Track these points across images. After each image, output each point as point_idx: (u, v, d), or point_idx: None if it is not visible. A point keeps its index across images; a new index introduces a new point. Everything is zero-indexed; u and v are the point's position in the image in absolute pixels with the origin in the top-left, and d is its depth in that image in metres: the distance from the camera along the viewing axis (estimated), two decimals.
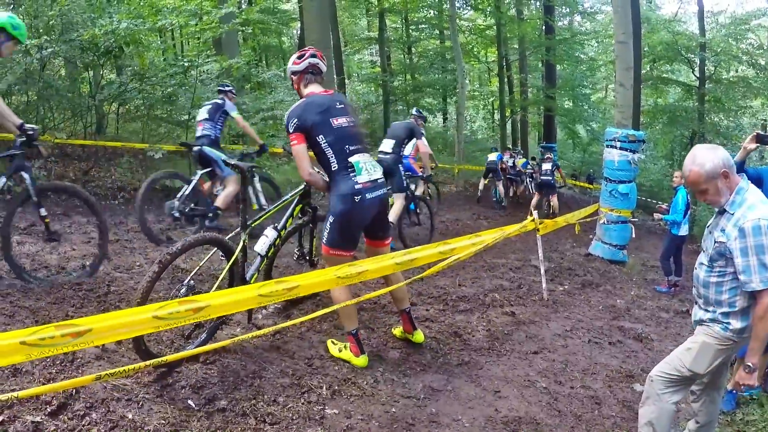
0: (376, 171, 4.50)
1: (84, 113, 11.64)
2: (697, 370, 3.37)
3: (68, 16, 10.48)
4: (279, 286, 3.39)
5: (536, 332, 6.01)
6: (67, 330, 2.63)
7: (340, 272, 3.75)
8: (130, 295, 5.28)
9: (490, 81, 39.28)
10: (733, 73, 28.90)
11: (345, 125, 4.45)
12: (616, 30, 11.99)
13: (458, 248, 4.93)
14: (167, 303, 2.92)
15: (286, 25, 29.02)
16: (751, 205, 3.16)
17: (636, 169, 11.00)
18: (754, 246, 3.08)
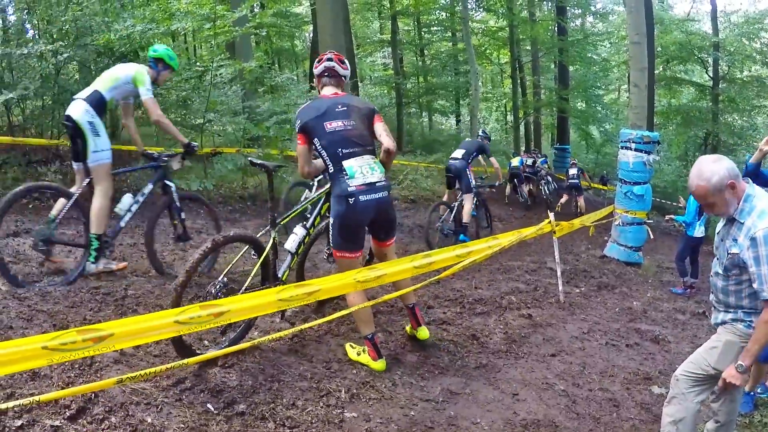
0: (374, 174, 4.47)
1: None
2: (722, 368, 3.35)
3: (82, 21, 10.54)
4: (299, 290, 3.39)
5: (553, 335, 5.98)
6: (88, 335, 2.64)
7: (360, 276, 3.76)
8: (147, 299, 5.31)
9: (503, 83, 39.22)
10: (746, 73, 28.70)
11: (339, 129, 4.47)
12: (629, 31, 11.91)
13: (475, 251, 4.92)
14: (189, 307, 2.93)
15: (298, 28, 29.12)
16: (762, 212, 3.13)
17: (651, 171, 10.94)
18: (765, 255, 3.05)
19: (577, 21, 34.37)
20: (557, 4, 26.86)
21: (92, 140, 5.68)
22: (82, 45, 10.31)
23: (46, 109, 10.73)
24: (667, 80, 28.68)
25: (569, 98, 27.84)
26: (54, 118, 10.86)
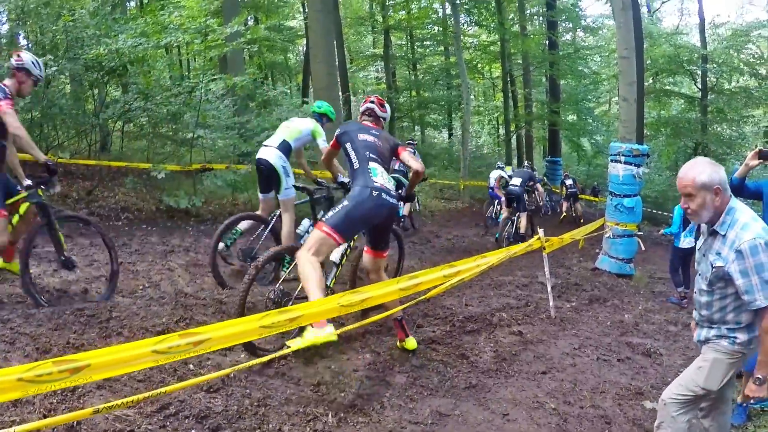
0: (390, 183, 4.99)
1: (88, 132, 11.67)
2: (711, 387, 3.32)
3: (73, 33, 10.51)
4: (281, 316, 3.33)
5: (544, 351, 5.93)
6: (64, 366, 2.58)
7: (343, 300, 3.70)
8: (132, 321, 5.25)
9: (494, 96, 39.31)
10: (734, 84, 28.93)
11: (370, 141, 5.14)
12: (618, 46, 11.93)
13: (463, 270, 4.88)
14: (167, 337, 2.87)
15: (292, 42, 29.19)
16: (745, 225, 3.11)
17: (641, 183, 10.95)
18: (754, 266, 3.03)
19: (567, 35, 34.49)
20: (548, 18, 27.01)
21: (284, 180, 7.06)
22: (72, 58, 10.28)
23: (35, 123, 10.67)
24: (657, 92, 28.87)
25: (560, 111, 27.92)
26: (42, 132, 10.82)
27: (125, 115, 11.76)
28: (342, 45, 27.03)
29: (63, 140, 11.58)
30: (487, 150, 37.10)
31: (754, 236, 3.04)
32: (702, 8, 27.49)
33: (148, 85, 11.36)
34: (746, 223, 3.11)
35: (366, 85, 36.37)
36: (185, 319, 5.51)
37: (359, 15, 31.81)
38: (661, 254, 14.78)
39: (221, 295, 6.33)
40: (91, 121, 11.34)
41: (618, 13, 11.87)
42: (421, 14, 28.38)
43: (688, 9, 43.20)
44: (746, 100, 26.54)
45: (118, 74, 11.27)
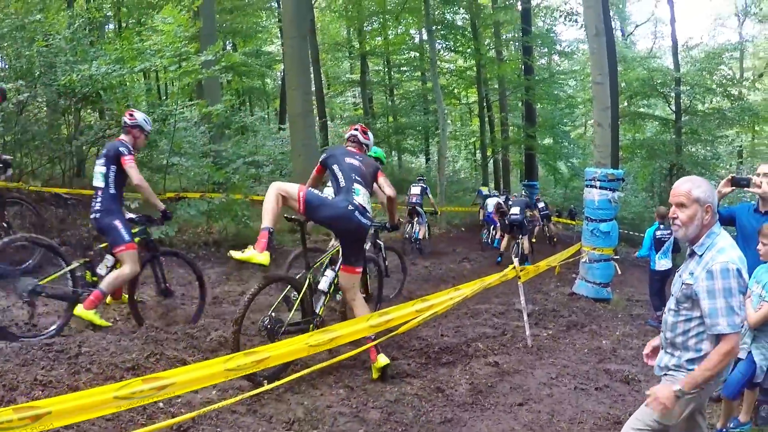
0: (369, 204, 5.53)
1: (62, 158, 11.53)
2: (668, 422, 3.26)
3: (47, 59, 10.41)
4: (248, 358, 3.27)
5: (521, 382, 5.87)
6: (25, 413, 2.51)
7: (312, 340, 3.64)
8: (102, 356, 5.13)
9: (471, 121, 39.54)
10: (707, 105, 29.36)
11: (355, 164, 5.67)
12: (592, 71, 12.07)
13: (436, 304, 4.83)
14: (130, 382, 2.80)
15: (269, 67, 29.24)
16: (721, 249, 3.09)
17: (617, 208, 10.99)
18: (721, 289, 3.00)
19: (543, 59, 34.88)
20: (523, 44, 27.22)
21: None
22: (47, 84, 10.18)
23: (7, 149, 10.51)
24: (631, 115, 29.20)
25: (536, 135, 28.11)
26: (15, 159, 10.65)
27: (99, 142, 11.65)
28: (319, 70, 27.12)
29: (37, 167, 11.42)
30: (464, 175, 37.24)
31: (728, 260, 3.02)
32: (675, 31, 28.05)
33: (121, 112, 11.25)
34: (723, 248, 3.09)
35: (343, 110, 36.48)
36: (155, 354, 5.39)
37: (336, 41, 31.95)
38: (638, 276, 14.83)
39: (193, 329, 6.23)
40: (64, 148, 11.20)
41: (591, 39, 11.99)
42: (397, 40, 28.57)
43: (662, 32, 44.14)
44: (720, 121, 26.95)
45: (92, 101, 11.17)
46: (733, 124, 27.60)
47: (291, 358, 3.59)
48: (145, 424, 3.93)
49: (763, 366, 4.59)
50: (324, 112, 26.91)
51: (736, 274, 3.00)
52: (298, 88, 12.73)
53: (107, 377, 4.83)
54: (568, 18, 26.63)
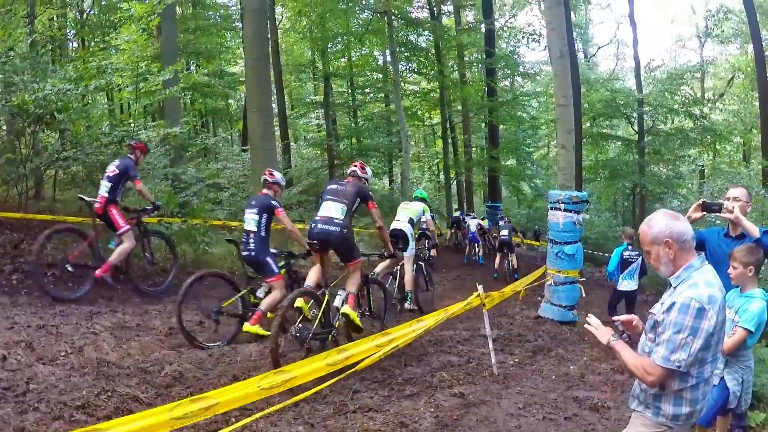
0: (339, 212, 6.81)
1: (16, 181, 11.12)
2: None
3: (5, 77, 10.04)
4: (195, 405, 3.03)
5: (487, 413, 5.68)
6: None
7: (264, 382, 3.41)
8: (50, 394, 4.87)
9: (435, 142, 39.61)
10: (670, 125, 29.79)
11: (333, 188, 7.13)
12: (556, 93, 12.08)
13: (397, 337, 4.63)
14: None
15: (233, 89, 28.96)
16: (694, 284, 2.96)
17: (581, 230, 10.95)
18: (674, 322, 2.90)
19: (506, 81, 35.13)
20: (487, 65, 27.36)
21: (411, 242, 10.66)
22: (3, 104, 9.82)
23: None
24: (594, 136, 29.47)
25: (499, 156, 28.18)
26: None
27: (55, 164, 11.29)
28: (282, 91, 26.92)
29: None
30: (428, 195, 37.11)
31: (693, 296, 2.89)
32: (637, 53, 28.41)
33: (77, 133, 10.93)
34: (696, 283, 2.96)
35: (307, 131, 36.25)
36: (107, 391, 5.12)
37: (300, 62, 31.80)
38: (603, 296, 14.79)
39: (146, 364, 5.95)
40: (18, 170, 10.80)
41: (555, 61, 12.01)
42: (361, 62, 28.57)
43: (624, 53, 44.84)
44: (682, 141, 27.34)
45: (46, 122, 10.80)
46: (695, 143, 28.04)
47: (242, 403, 3.35)
48: None
49: (736, 392, 4.54)
50: (287, 133, 26.66)
51: (695, 313, 2.87)
52: (259, 111, 12.44)
53: (56, 417, 4.57)
54: (532, 39, 26.87)
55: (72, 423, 4.51)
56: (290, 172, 22.73)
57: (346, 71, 29.01)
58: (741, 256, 4.42)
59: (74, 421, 4.55)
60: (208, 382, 5.75)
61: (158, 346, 6.86)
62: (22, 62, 10.55)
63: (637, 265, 10.01)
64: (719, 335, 2.97)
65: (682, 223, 3.05)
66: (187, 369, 5.98)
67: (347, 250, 7.04)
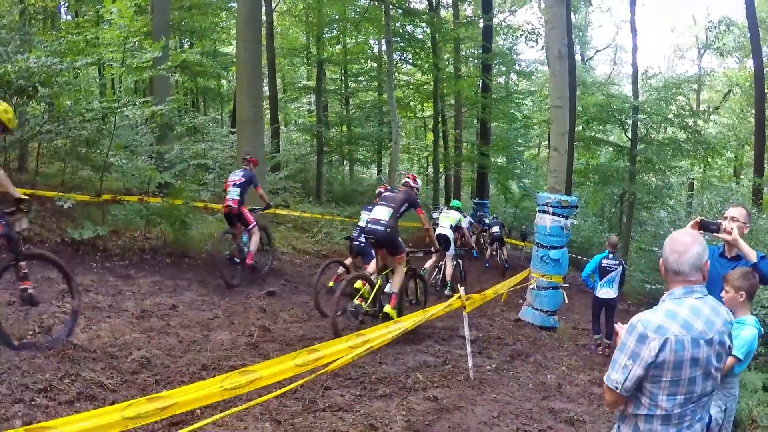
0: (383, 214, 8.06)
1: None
2: None
3: None
4: (150, 405, 2.85)
5: (460, 420, 5.53)
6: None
7: (227, 383, 3.24)
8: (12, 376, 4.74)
9: (425, 135, 39.38)
10: (663, 135, 29.67)
11: (386, 195, 8.49)
12: (552, 94, 11.90)
13: (372, 338, 4.46)
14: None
15: (226, 69, 28.59)
16: (654, 309, 2.83)
17: (568, 235, 10.83)
18: (620, 342, 2.83)
19: (501, 78, 34.92)
20: (483, 61, 27.08)
21: (452, 244, 12.74)
22: None
23: None
24: (586, 140, 29.29)
25: (490, 154, 27.93)
26: None
27: (38, 137, 11.03)
28: (275, 75, 26.61)
29: None
30: None
31: (639, 318, 2.76)
32: (636, 59, 28.05)
33: (60, 107, 10.64)
34: (657, 308, 2.83)
35: (298, 116, 35.95)
36: (71, 375, 4.94)
37: (294, 46, 31.44)
38: (585, 303, 14.73)
39: (113, 348, 5.75)
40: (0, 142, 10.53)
41: (553, 61, 11.85)
42: (356, 49, 28.23)
43: (621, 59, 44.81)
44: (674, 151, 27.10)
45: (28, 95, 10.52)
46: (688, 155, 27.80)
47: (202, 404, 3.19)
48: None
49: (719, 419, 4.40)
50: (277, 117, 26.37)
51: (637, 336, 2.73)
52: (249, 94, 12.24)
53: (16, 400, 4.39)
54: (529, 38, 26.66)
55: (33, 407, 4.35)
56: (278, 157, 22.52)
57: (341, 58, 28.65)
58: (734, 280, 4.24)
59: (35, 405, 4.39)
60: (176, 369, 5.57)
61: (129, 329, 6.66)
62: (8, 33, 10.29)
63: (616, 274, 9.79)
64: (682, 375, 2.73)
65: (688, 254, 2.84)
66: (155, 355, 5.80)
67: (392, 245, 8.08)
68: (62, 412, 4.37)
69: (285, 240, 14.11)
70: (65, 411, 4.39)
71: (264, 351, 6.48)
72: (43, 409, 4.35)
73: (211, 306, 8.28)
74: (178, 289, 9.08)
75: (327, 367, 4.12)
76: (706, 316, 2.78)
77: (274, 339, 7.08)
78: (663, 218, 28.83)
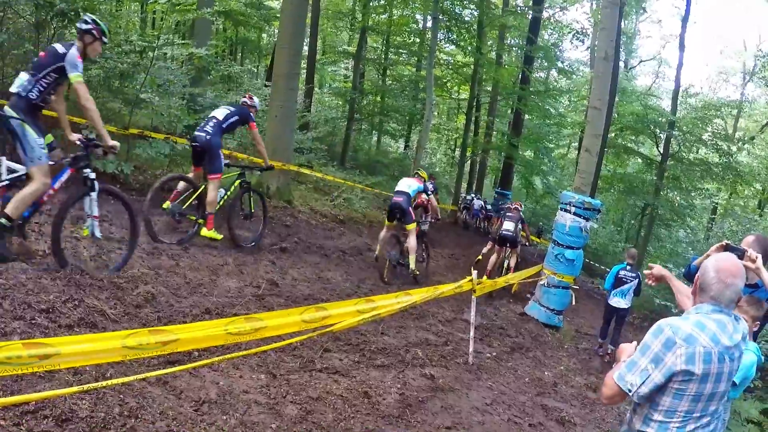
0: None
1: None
2: None
3: None
4: (152, 337, 2.84)
5: (454, 402, 5.54)
6: None
7: (231, 327, 3.23)
8: (17, 292, 4.71)
9: (457, 117, 39.14)
10: (695, 154, 29.34)
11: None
12: (592, 95, 11.77)
13: (380, 306, 4.44)
14: (8, 344, 2.37)
15: (268, 22, 28.46)
16: (684, 317, 2.78)
17: (586, 237, 10.76)
18: (643, 342, 2.75)
19: (541, 72, 34.56)
20: (526, 53, 26.77)
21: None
22: None
23: None
24: (618, 147, 29.03)
25: (519, 145, 27.73)
26: None
27: None
28: (316, 35, 26.43)
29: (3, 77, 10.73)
30: (438, 169, 36.87)
31: (670, 323, 2.71)
32: (679, 75, 27.61)
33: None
34: (685, 316, 2.79)
35: (334, 80, 35.81)
36: (75, 299, 4.94)
37: (340, 9, 31.24)
38: (591, 308, 14.69)
39: (121, 279, 5.77)
40: (28, 63, 10.52)
41: (599, 62, 11.70)
42: (401, 21, 28.00)
43: (664, 73, 44.11)
44: (703, 173, 26.80)
45: (69, 18, 10.50)
46: (716, 178, 27.48)
47: (204, 345, 3.18)
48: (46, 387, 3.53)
49: None
50: (313, 77, 26.24)
51: (665, 341, 2.67)
52: (289, 48, 12.15)
53: (17, 317, 4.40)
54: (577, 37, 26.34)
55: (32, 326, 4.34)
56: (308, 116, 22.43)
57: (384, 28, 28.42)
58: (749, 309, 4.16)
59: (35, 324, 4.37)
60: (179, 309, 5.59)
61: (138, 263, 6.68)
62: None
63: (631, 286, 9.90)
64: (705, 389, 2.69)
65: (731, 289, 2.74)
66: (161, 292, 5.82)
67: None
68: (61, 334, 4.37)
69: (303, 200, 14.09)
70: (64, 334, 4.39)
71: (269, 304, 6.49)
72: (43, 329, 4.34)
73: (222, 253, 8.28)
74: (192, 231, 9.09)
75: (332, 327, 4.10)
76: (730, 333, 2.74)
77: (280, 294, 7.07)
78: (681, 238, 28.67)
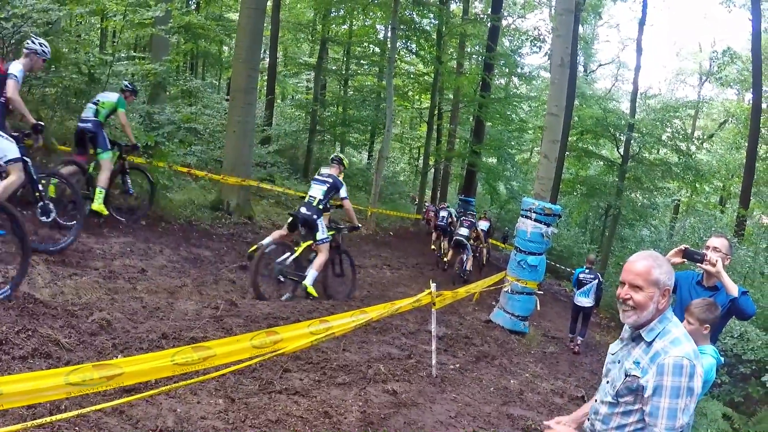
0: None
1: None
2: None
3: None
4: (96, 372, 2.75)
5: (417, 417, 5.49)
6: None
7: (178, 357, 3.15)
8: None
9: (420, 126, 39.33)
10: (654, 155, 29.84)
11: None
12: (549, 101, 11.83)
13: (335, 326, 4.38)
14: None
15: (229, 35, 28.32)
16: (675, 339, 2.69)
17: (548, 243, 10.83)
18: (669, 387, 2.60)
19: (502, 79, 34.89)
20: (486, 60, 27.01)
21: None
22: None
23: None
24: (578, 151, 29.37)
25: (481, 152, 27.89)
26: None
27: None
28: (276, 47, 26.36)
29: None
30: (403, 178, 36.99)
31: (683, 354, 2.62)
32: (637, 78, 28.13)
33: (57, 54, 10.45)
34: (678, 338, 2.69)
35: (295, 91, 35.76)
36: (28, 330, 4.81)
37: (300, 21, 31.22)
38: (557, 311, 14.80)
39: (75, 306, 5.64)
40: None
41: (555, 69, 11.79)
42: (360, 32, 28.07)
43: (623, 76, 44.98)
44: (663, 172, 27.24)
45: (18, 41, 10.33)
46: (677, 178, 27.96)
47: (151, 377, 3.10)
48: None
49: None
50: (273, 89, 26.17)
51: (689, 372, 2.60)
52: (246, 62, 12.07)
53: None
54: (534, 44, 26.65)
55: None
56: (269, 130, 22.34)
57: (345, 39, 28.53)
58: (699, 313, 4.07)
59: None
60: (135, 335, 5.46)
61: (94, 288, 6.55)
62: None
63: (591, 286, 11.25)
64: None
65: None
66: (116, 318, 5.69)
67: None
68: (14, 367, 4.26)
69: (266, 215, 13.99)
70: (17, 366, 4.28)
71: (227, 325, 6.38)
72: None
73: (181, 274, 8.16)
74: (150, 252, 8.95)
75: (283, 350, 4.03)
76: None
77: (239, 314, 6.95)
78: (645, 237, 29.07)
